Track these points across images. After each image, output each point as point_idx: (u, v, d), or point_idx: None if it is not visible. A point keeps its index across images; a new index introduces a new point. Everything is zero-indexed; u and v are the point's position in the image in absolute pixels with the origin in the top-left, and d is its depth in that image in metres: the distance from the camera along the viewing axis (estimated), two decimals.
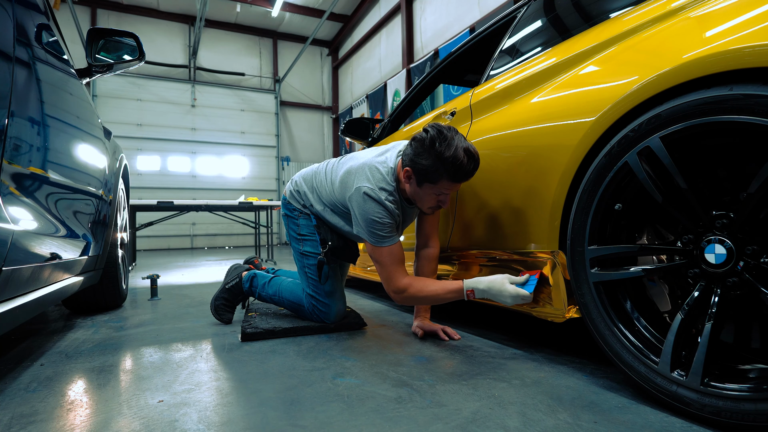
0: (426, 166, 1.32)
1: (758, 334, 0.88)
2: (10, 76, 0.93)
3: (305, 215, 1.74)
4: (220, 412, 0.93)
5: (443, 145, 1.29)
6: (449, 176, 1.32)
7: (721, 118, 0.79)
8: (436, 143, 1.30)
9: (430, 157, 1.31)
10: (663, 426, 0.83)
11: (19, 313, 1.05)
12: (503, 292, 1.26)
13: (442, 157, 1.29)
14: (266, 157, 11.44)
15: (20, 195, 0.99)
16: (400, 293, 1.42)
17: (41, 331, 1.79)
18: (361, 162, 1.48)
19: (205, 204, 5.23)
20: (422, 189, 1.39)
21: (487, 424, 0.85)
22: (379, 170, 1.44)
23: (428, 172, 1.33)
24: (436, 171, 1.32)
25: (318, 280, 1.66)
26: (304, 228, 1.73)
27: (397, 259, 1.43)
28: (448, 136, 1.30)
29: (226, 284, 1.87)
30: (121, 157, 2.30)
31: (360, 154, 1.58)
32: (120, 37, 1.84)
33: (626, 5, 1.22)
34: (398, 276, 1.42)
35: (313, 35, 9.60)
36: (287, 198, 1.80)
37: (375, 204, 1.40)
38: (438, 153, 1.29)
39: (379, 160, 1.47)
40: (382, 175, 1.43)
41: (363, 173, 1.44)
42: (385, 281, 1.44)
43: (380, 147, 1.60)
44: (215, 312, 1.83)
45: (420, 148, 1.33)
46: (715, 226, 0.84)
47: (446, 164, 1.29)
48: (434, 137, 1.31)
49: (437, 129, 1.32)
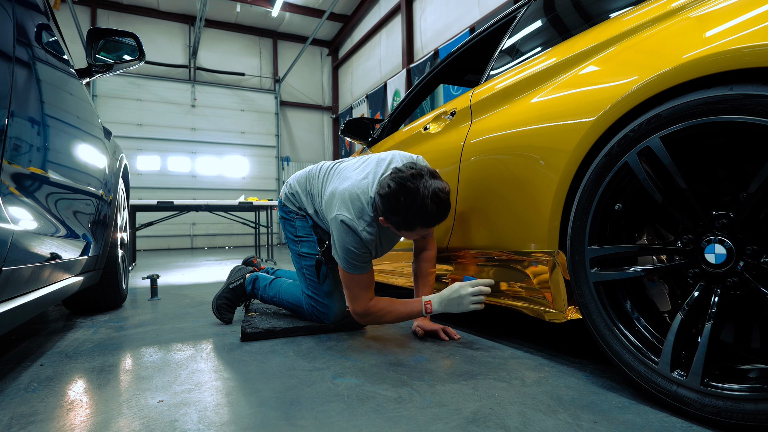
0: (397, 221, 1.35)
1: (758, 334, 0.88)
2: (10, 76, 0.93)
3: (301, 217, 1.75)
4: (220, 412, 0.93)
5: (408, 199, 1.29)
6: (421, 224, 1.35)
7: (721, 118, 0.79)
8: (401, 198, 1.30)
9: (398, 214, 1.33)
10: (663, 426, 0.83)
11: (19, 313, 1.05)
12: (458, 299, 1.37)
13: (410, 211, 1.31)
14: (266, 157, 11.44)
15: (20, 195, 0.99)
16: (363, 317, 1.49)
17: (41, 331, 1.79)
18: (345, 186, 1.47)
19: (205, 204, 5.23)
20: (401, 232, 1.42)
21: (487, 424, 0.85)
22: (359, 199, 1.43)
23: (401, 224, 1.36)
24: (408, 222, 1.34)
25: (317, 281, 1.67)
26: (300, 229, 1.74)
27: (363, 286, 1.47)
28: (412, 188, 1.29)
29: (229, 284, 1.89)
30: (121, 157, 2.30)
31: (346, 171, 1.56)
32: (120, 37, 1.84)
33: (626, 5, 1.22)
34: (362, 301, 1.48)
35: (313, 35, 9.60)
36: (283, 200, 1.81)
37: (352, 235, 1.41)
38: (405, 208, 1.31)
39: (362, 186, 1.45)
40: (362, 204, 1.43)
41: (343, 201, 1.43)
42: (349, 303, 1.52)
43: (367, 160, 1.58)
44: (217, 311, 1.84)
45: (388, 204, 1.33)
46: (715, 226, 0.84)
47: (416, 217, 1.32)
48: (397, 192, 1.30)
49: (399, 182, 1.31)
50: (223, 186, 10.83)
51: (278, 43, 11.72)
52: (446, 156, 1.67)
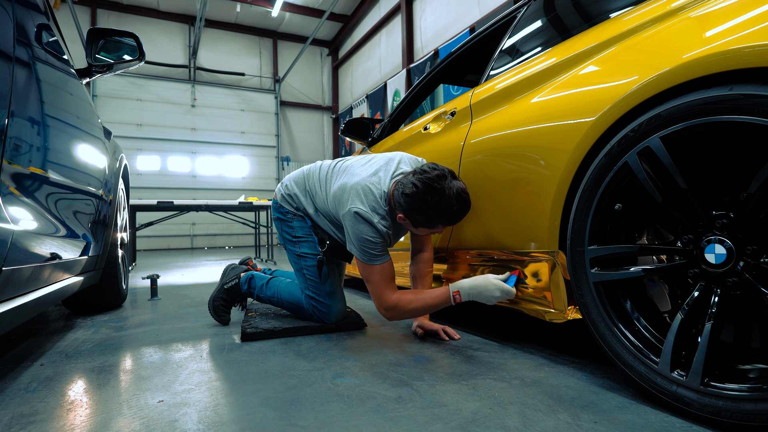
0: (421, 219, 1.39)
1: (758, 334, 0.88)
2: (10, 76, 0.93)
3: (299, 217, 1.74)
4: (219, 412, 0.93)
5: (435, 200, 1.34)
6: (444, 223, 1.40)
7: (721, 118, 0.79)
8: (428, 198, 1.34)
9: (424, 213, 1.37)
10: (663, 426, 0.83)
11: (19, 313, 1.05)
12: (489, 287, 1.31)
13: (435, 211, 1.35)
14: (266, 157, 11.44)
15: (20, 195, 0.99)
16: (391, 310, 1.44)
17: (41, 331, 1.79)
18: (356, 180, 1.48)
19: (205, 204, 5.23)
20: (418, 229, 1.45)
21: (487, 424, 0.85)
22: (372, 192, 1.45)
23: (424, 222, 1.40)
24: (430, 221, 1.39)
25: (318, 281, 1.67)
26: (299, 230, 1.73)
27: (387, 278, 1.45)
28: (438, 189, 1.33)
29: (224, 284, 1.85)
30: (121, 157, 2.30)
31: (354, 167, 1.57)
32: (120, 37, 1.84)
33: (626, 5, 1.22)
34: (388, 293, 1.44)
35: (313, 35, 9.60)
36: (278, 201, 1.78)
37: (367, 225, 1.42)
38: (431, 208, 1.35)
39: (373, 181, 1.47)
40: (375, 197, 1.45)
41: (357, 194, 1.45)
42: (376, 299, 1.46)
43: (373, 159, 1.59)
44: (214, 313, 1.82)
45: (413, 203, 1.36)
46: (715, 226, 0.84)
47: (440, 216, 1.37)
48: (425, 193, 1.34)
49: (426, 182, 1.34)
50: (223, 186, 10.83)
51: (278, 43, 11.72)
52: (446, 156, 1.67)
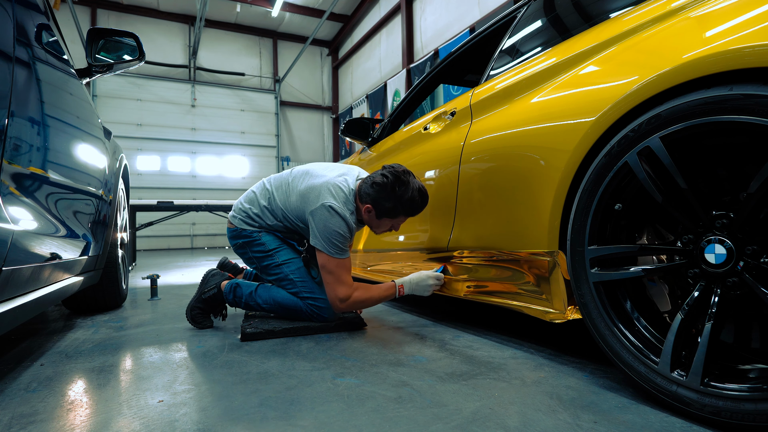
0: (388, 207, 1.57)
1: (758, 334, 0.88)
2: (10, 76, 0.93)
3: (266, 231, 1.76)
4: (220, 412, 0.93)
5: (401, 189, 1.54)
6: (405, 213, 1.60)
7: (721, 118, 0.79)
8: (396, 188, 1.54)
9: (390, 201, 1.56)
10: (663, 426, 0.83)
11: (19, 313, 1.05)
12: (423, 278, 1.62)
13: (401, 199, 1.55)
14: (266, 157, 11.44)
15: (20, 195, 0.99)
16: (345, 300, 1.58)
17: (41, 331, 1.79)
18: (324, 180, 1.61)
19: (205, 204, 5.24)
20: (380, 220, 1.63)
21: (487, 424, 0.85)
22: (342, 190, 1.60)
23: (389, 211, 1.58)
24: (395, 209, 1.58)
25: (308, 280, 1.70)
26: (271, 242, 1.75)
27: (347, 270, 1.60)
28: (405, 181, 1.54)
29: (202, 294, 1.79)
30: (121, 157, 2.30)
31: (318, 170, 1.70)
32: (120, 37, 1.84)
33: (626, 5, 1.22)
34: (346, 285, 1.58)
35: (313, 35, 9.60)
36: (239, 227, 1.77)
37: (339, 219, 1.55)
38: (398, 196, 1.55)
39: (340, 181, 1.62)
40: (345, 194, 1.60)
41: (328, 190, 1.58)
42: (332, 290, 1.58)
43: (334, 165, 1.74)
44: (192, 320, 1.76)
45: (382, 192, 1.55)
46: (715, 226, 0.84)
47: (404, 205, 1.56)
48: (393, 183, 1.54)
49: (395, 175, 1.54)
50: (223, 186, 10.83)
51: (278, 43, 11.72)
52: (446, 156, 1.67)
